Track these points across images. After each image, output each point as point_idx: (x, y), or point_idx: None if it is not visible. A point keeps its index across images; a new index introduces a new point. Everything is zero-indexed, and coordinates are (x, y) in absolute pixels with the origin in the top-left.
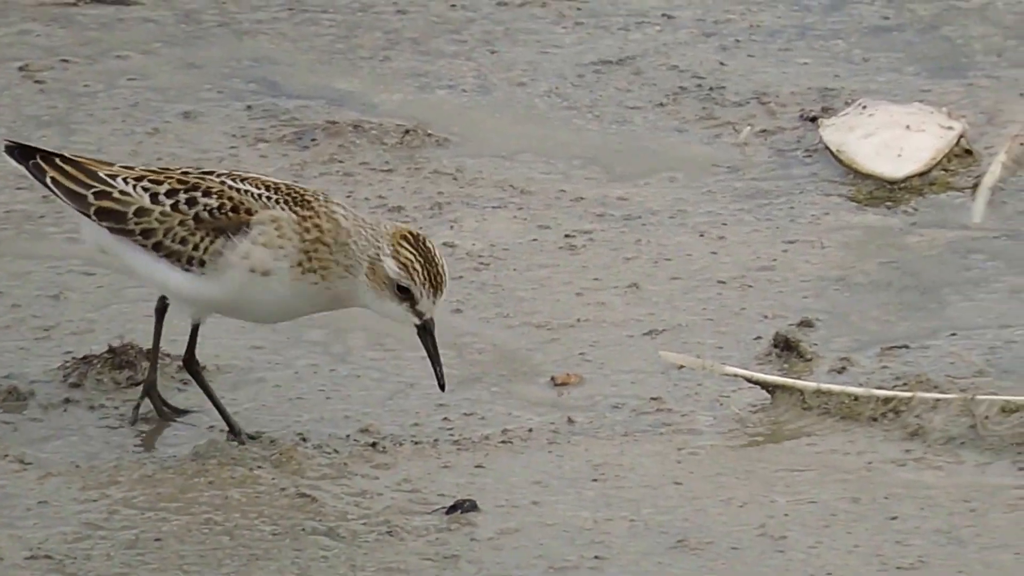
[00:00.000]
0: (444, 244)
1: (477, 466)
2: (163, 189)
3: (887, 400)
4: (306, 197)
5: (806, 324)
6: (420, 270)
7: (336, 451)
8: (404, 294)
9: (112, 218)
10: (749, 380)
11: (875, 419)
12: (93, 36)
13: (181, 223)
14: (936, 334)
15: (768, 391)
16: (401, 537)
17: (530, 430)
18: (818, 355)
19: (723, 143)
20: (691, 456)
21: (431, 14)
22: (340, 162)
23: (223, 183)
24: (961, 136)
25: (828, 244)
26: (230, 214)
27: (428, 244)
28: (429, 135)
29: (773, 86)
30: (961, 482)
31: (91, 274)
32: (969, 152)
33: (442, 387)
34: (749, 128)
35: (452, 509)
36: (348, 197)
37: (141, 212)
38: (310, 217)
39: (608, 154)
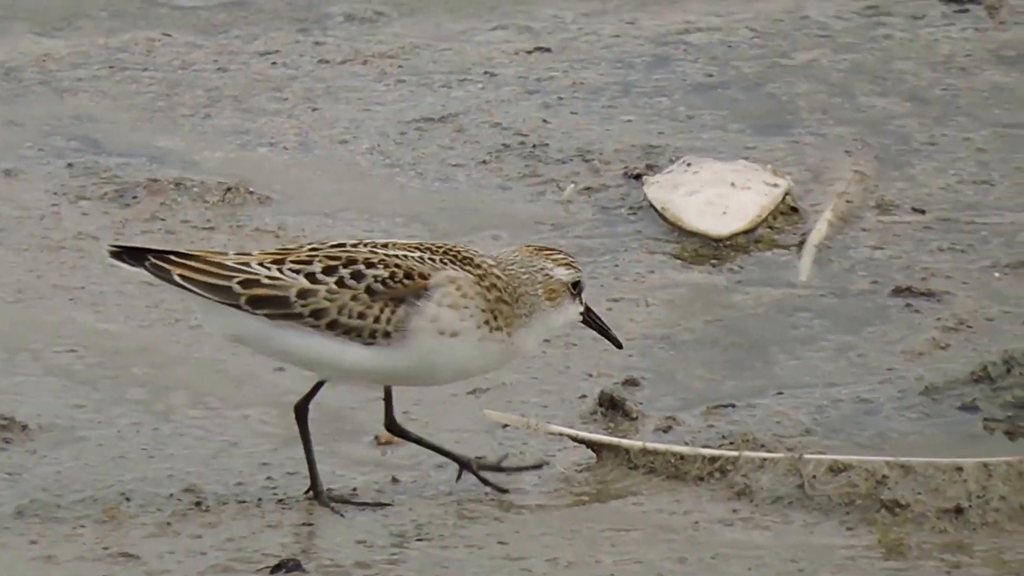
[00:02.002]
0: None
1: (302, 524)
2: (318, 268)
3: (714, 459)
4: (463, 254)
5: (631, 383)
6: (572, 259)
7: (160, 510)
8: (576, 288)
9: (271, 304)
10: (574, 439)
11: (702, 478)
12: None
13: (354, 298)
14: (763, 393)
15: (594, 450)
16: None
17: (354, 489)
18: (644, 414)
19: (547, 201)
20: (516, 516)
21: (252, 71)
22: (162, 220)
23: (374, 252)
24: (786, 193)
25: (653, 302)
26: (405, 281)
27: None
28: (251, 193)
29: (597, 143)
30: (789, 542)
31: None
32: (795, 209)
33: (620, 346)
34: (573, 186)
35: (277, 569)
36: None
37: (305, 294)
38: (485, 276)
39: (431, 212)
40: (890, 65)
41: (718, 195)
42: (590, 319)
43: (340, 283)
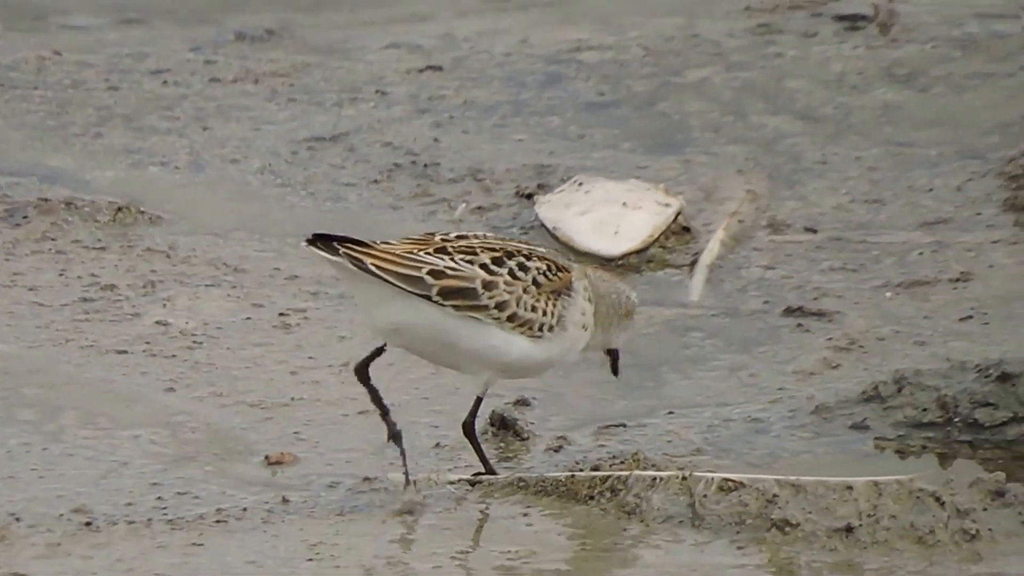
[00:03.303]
0: (157, 323)
1: (192, 545)
2: (486, 258)
3: (604, 479)
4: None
5: (522, 403)
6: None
7: (50, 530)
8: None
9: (460, 295)
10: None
11: (592, 497)
12: None
13: (525, 290)
14: (654, 412)
15: (484, 471)
16: None
17: (244, 509)
18: (535, 434)
19: (438, 220)
20: (408, 535)
21: (143, 90)
22: (52, 240)
23: (517, 245)
24: (678, 213)
25: None
26: (560, 274)
27: None
28: (142, 212)
29: (488, 162)
30: (680, 561)
31: None
32: (687, 229)
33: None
34: (464, 205)
35: None
36: (60, 276)
37: (490, 285)
38: (585, 275)
39: (323, 231)
40: (782, 83)
41: (610, 215)
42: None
43: (512, 275)
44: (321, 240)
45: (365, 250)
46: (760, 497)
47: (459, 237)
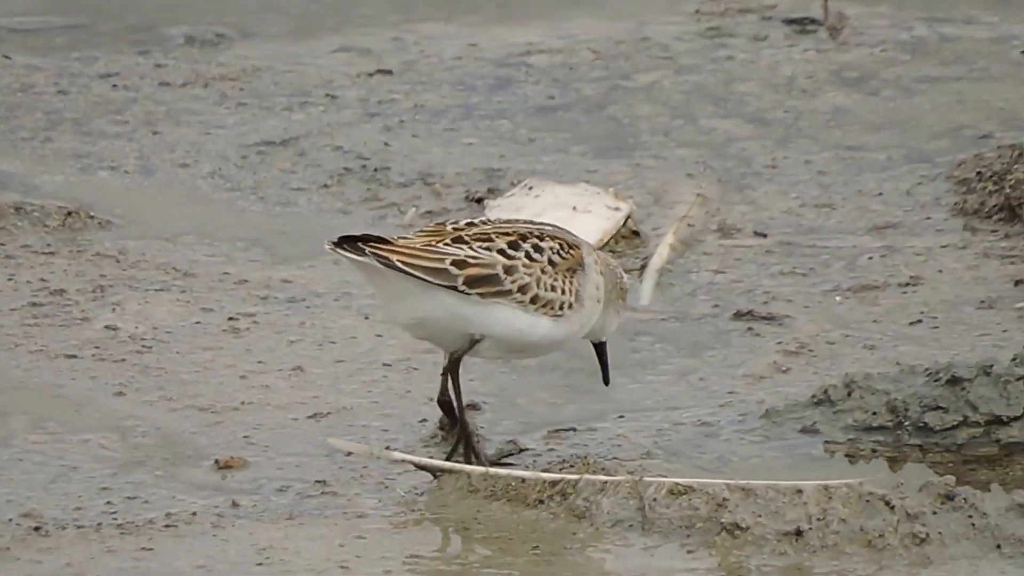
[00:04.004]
0: (106, 327)
1: (141, 549)
2: (502, 243)
3: (554, 483)
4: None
5: (473, 407)
6: None
7: None
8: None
9: (485, 283)
10: (416, 465)
11: (542, 501)
12: None
13: (543, 271)
14: (604, 416)
15: (434, 474)
16: None
17: (194, 513)
18: (485, 438)
19: (388, 224)
20: (357, 540)
21: (92, 94)
22: (1, 244)
23: (528, 227)
24: (628, 217)
25: None
26: (571, 251)
27: None
28: (92, 217)
29: (438, 166)
30: (630, 565)
31: None
32: (636, 233)
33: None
34: (415, 209)
35: None
36: (10, 281)
37: (511, 270)
38: (593, 250)
39: (272, 236)
40: (732, 87)
41: (560, 219)
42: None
43: (529, 257)
44: (346, 242)
45: (389, 247)
46: (710, 501)
47: (469, 224)
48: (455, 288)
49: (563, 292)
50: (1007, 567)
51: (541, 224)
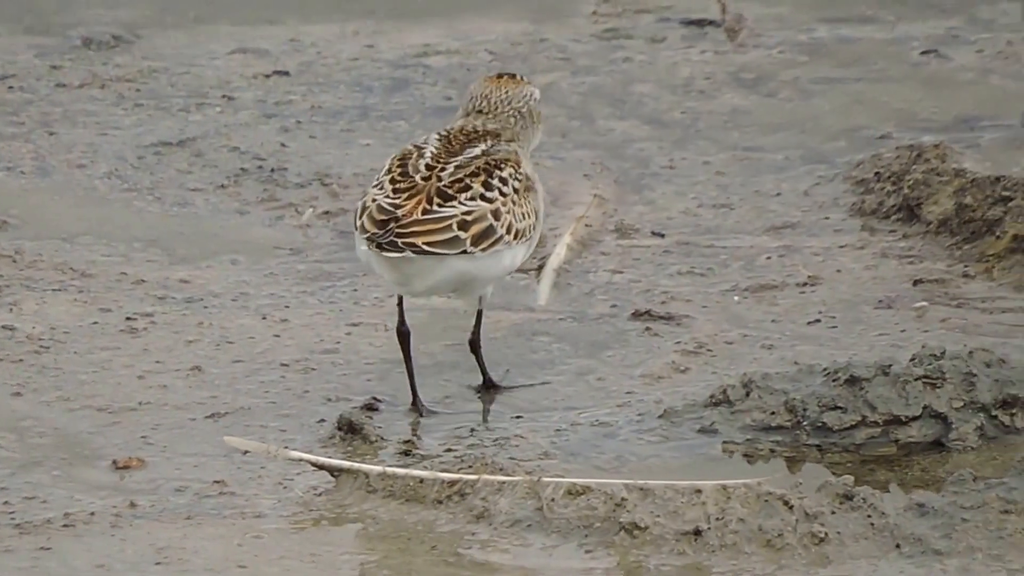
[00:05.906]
0: (3, 327)
1: (39, 549)
2: (478, 185)
3: (452, 483)
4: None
5: (370, 407)
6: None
7: None
8: None
9: (485, 237)
10: (314, 464)
11: (440, 501)
12: None
13: (514, 202)
14: (501, 416)
15: (332, 474)
16: None
17: (92, 514)
18: (383, 438)
19: (285, 225)
20: (255, 540)
21: None
22: None
23: (479, 158)
24: None
25: (392, 326)
26: (519, 169)
27: None
28: None
29: (335, 167)
30: (528, 564)
31: None
32: None
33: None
34: (312, 210)
35: None
36: None
37: (497, 214)
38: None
39: (169, 236)
40: (629, 88)
41: None
42: None
43: (502, 194)
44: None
45: (403, 228)
46: (608, 501)
47: (429, 167)
48: (465, 252)
49: (529, 216)
50: (906, 566)
51: (474, 144)
